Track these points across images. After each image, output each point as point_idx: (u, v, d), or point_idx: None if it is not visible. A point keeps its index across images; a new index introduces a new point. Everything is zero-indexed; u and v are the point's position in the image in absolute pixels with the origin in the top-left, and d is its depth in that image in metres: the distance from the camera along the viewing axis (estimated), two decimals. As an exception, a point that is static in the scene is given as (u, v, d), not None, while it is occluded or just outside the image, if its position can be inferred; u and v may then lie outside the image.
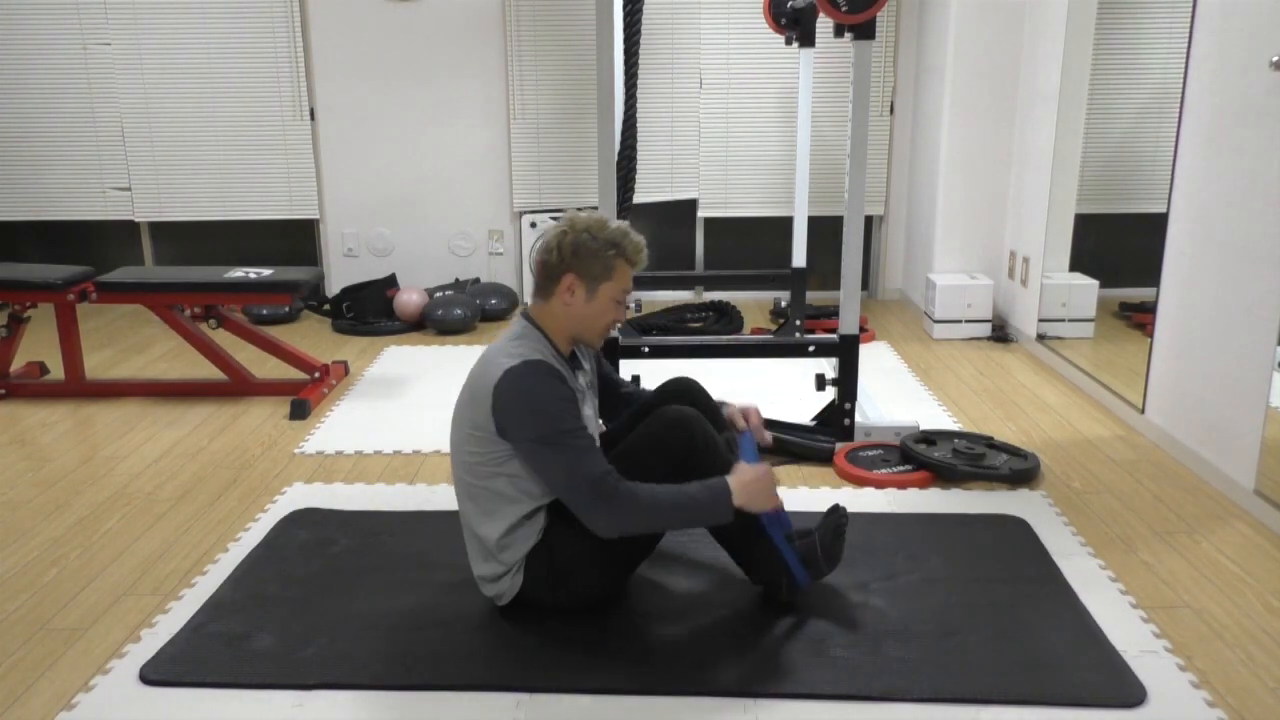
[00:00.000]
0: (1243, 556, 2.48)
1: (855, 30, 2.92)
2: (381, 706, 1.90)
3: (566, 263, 2.09)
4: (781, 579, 2.20)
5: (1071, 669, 1.98)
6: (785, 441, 3.14)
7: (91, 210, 5.37)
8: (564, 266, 2.10)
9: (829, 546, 2.20)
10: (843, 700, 1.90)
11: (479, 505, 2.11)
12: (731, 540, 2.21)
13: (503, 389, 2.01)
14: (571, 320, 2.13)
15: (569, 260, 2.09)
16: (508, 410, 2.01)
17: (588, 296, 2.11)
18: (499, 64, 5.23)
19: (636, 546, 2.16)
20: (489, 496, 2.10)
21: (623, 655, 2.04)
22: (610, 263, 2.10)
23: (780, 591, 2.21)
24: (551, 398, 2.01)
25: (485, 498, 2.10)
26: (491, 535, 2.10)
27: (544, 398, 2.00)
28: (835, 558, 2.21)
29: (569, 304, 2.11)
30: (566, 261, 2.09)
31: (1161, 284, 3.24)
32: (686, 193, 5.38)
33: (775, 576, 2.20)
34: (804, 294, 4.54)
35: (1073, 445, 3.25)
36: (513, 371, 2.01)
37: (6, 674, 2.03)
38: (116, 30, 5.13)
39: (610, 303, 2.13)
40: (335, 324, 4.95)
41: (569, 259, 2.09)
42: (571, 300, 2.11)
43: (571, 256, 2.09)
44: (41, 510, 2.83)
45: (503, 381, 2.01)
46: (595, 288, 2.11)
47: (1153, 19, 3.55)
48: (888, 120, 5.32)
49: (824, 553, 2.19)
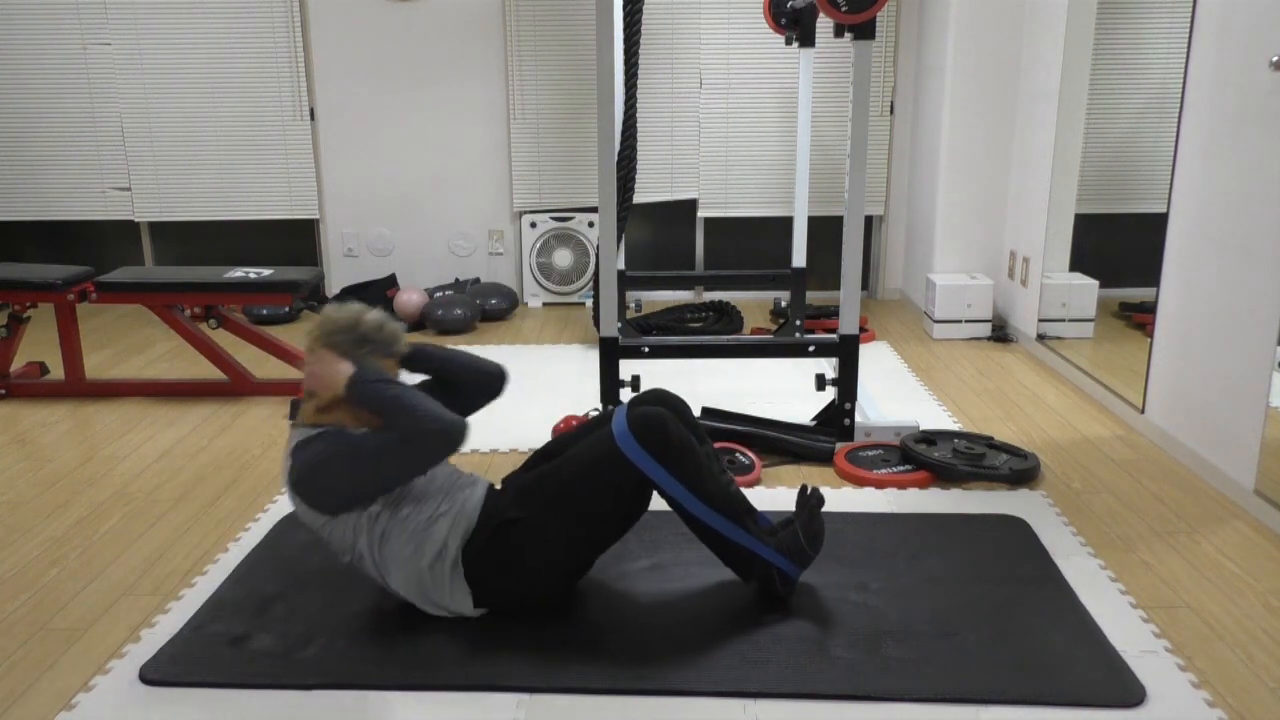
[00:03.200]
0: (1243, 556, 2.48)
1: (855, 30, 2.92)
2: (381, 706, 1.90)
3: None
4: (772, 573, 2.20)
5: (1071, 669, 1.98)
6: (785, 441, 3.14)
7: (91, 210, 5.37)
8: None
9: (809, 528, 2.19)
10: (843, 700, 1.90)
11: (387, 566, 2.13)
12: (713, 546, 2.21)
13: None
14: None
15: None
16: (301, 476, 2.11)
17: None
18: (499, 64, 5.23)
19: (588, 542, 2.15)
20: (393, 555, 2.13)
21: (623, 655, 2.04)
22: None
23: (775, 586, 2.21)
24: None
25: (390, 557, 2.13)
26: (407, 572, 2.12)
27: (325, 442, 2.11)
28: (817, 538, 2.20)
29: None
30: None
31: (1161, 284, 3.24)
32: (686, 193, 5.38)
33: (766, 572, 2.20)
34: (804, 294, 4.54)
35: (1073, 445, 3.25)
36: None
37: (6, 674, 2.03)
38: (116, 30, 5.13)
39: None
40: (335, 324, 4.94)
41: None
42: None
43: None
44: (41, 510, 2.83)
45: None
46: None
47: (1153, 19, 3.55)
48: (888, 120, 5.32)
49: (806, 536, 2.19)
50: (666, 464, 2.08)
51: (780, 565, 2.18)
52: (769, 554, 2.17)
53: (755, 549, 2.17)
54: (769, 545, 2.18)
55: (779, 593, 2.22)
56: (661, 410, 2.12)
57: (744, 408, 3.38)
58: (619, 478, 2.08)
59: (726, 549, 2.20)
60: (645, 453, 2.07)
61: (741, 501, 2.22)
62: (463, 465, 3.12)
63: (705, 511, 2.13)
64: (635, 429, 2.08)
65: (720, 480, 2.18)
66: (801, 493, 2.26)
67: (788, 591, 2.22)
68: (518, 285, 5.50)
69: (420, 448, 2.02)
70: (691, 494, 2.11)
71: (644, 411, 2.11)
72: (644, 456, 2.07)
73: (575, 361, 4.29)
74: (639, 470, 2.07)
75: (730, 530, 2.15)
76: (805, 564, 2.22)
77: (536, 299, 5.47)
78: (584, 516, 2.11)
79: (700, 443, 2.25)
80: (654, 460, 2.07)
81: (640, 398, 2.35)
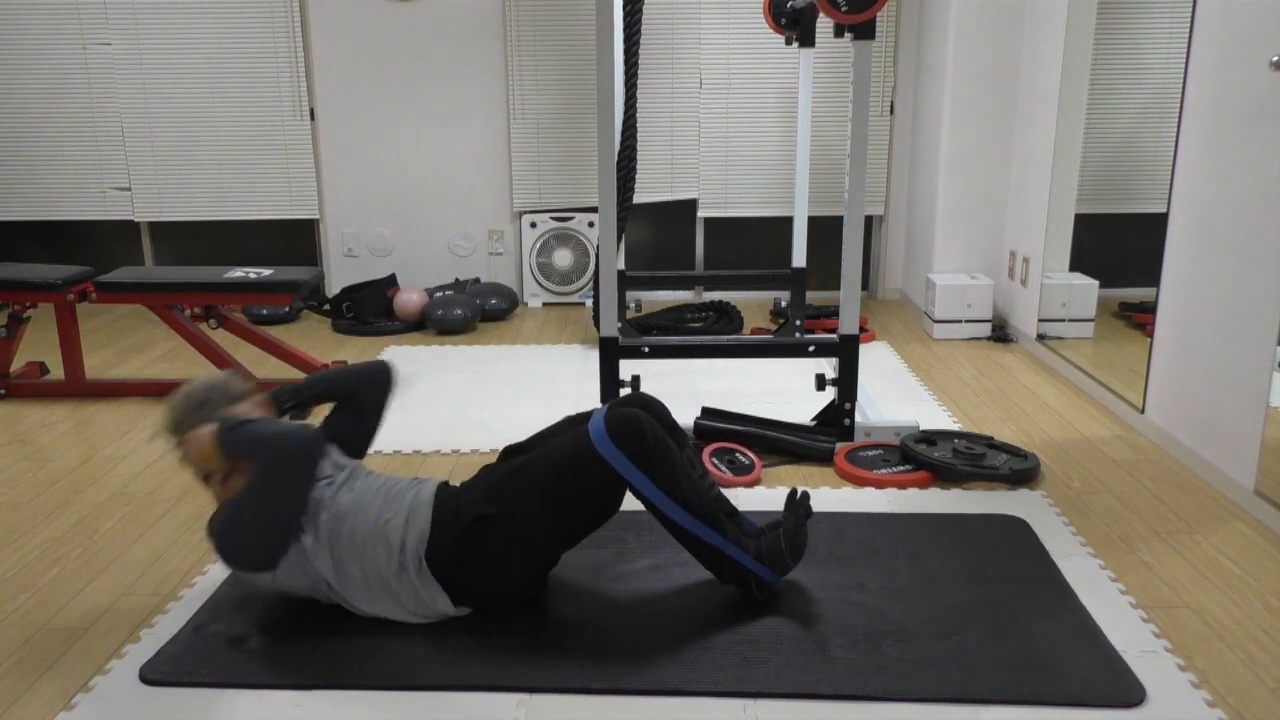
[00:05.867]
0: (1243, 556, 2.48)
1: (855, 30, 2.92)
2: (381, 706, 1.90)
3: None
4: (749, 577, 2.20)
5: (1071, 669, 1.98)
6: (785, 441, 3.14)
7: (91, 210, 5.37)
8: None
9: (793, 538, 2.20)
10: (842, 700, 1.90)
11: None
12: (688, 546, 2.21)
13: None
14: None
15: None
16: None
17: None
18: (499, 64, 5.23)
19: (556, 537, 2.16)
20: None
21: (623, 655, 2.04)
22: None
23: (751, 590, 2.21)
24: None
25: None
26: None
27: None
28: (799, 549, 2.21)
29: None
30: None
31: (1161, 284, 3.25)
32: (686, 193, 5.38)
33: (742, 575, 2.20)
34: (804, 294, 4.54)
35: (1073, 445, 3.25)
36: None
37: (6, 674, 2.03)
38: (116, 30, 5.13)
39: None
40: (335, 324, 4.95)
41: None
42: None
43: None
44: (41, 510, 2.83)
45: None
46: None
47: (1153, 19, 3.55)
48: (888, 120, 5.32)
49: (788, 546, 2.19)
50: (640, 464, 2.09)
51: (756, 571, 2.19)
52: (744, 559, 2.18)
53: (729, 552, 2.17)
54: (746, 550, 2.18)
55: (755, 596, 2.22)
56: (638, 412, 2.13)
57: (744, 408, 3.38)
58: (592, 477, 2.10)
59: (700, 550, 2.20)
60: (620, 453, 2.08)
61: (721, 504, 2.22)
62: (465, 467, 3.12)
63: (678, 513, 2.13)
64: (611, 429, 2.09)
65: (698, 484, 2.18)
66: (791, 496, 2.27)
67: (764, 595, 2.22)
68: (518, 285, 5.50)
69: (282, 464, 2.05)
70: (664, 495, 2.11)
71: (621, 412, 2.13)
72: (618, 456, 2.08)
73: (575, 362, 4.29)
74: (613, 470, 2.08)
75: (703, 532, 2.15)
76: (784, 572, 2.22)
77: (536, 299, 5.47)
78: (555, 513, 2.12)
79: (680, 447, 2.25)
80: (628, 460, 2.08)
81: (621, 400, 2.35)
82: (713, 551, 2.18)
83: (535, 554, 2.15)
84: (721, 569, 2.21)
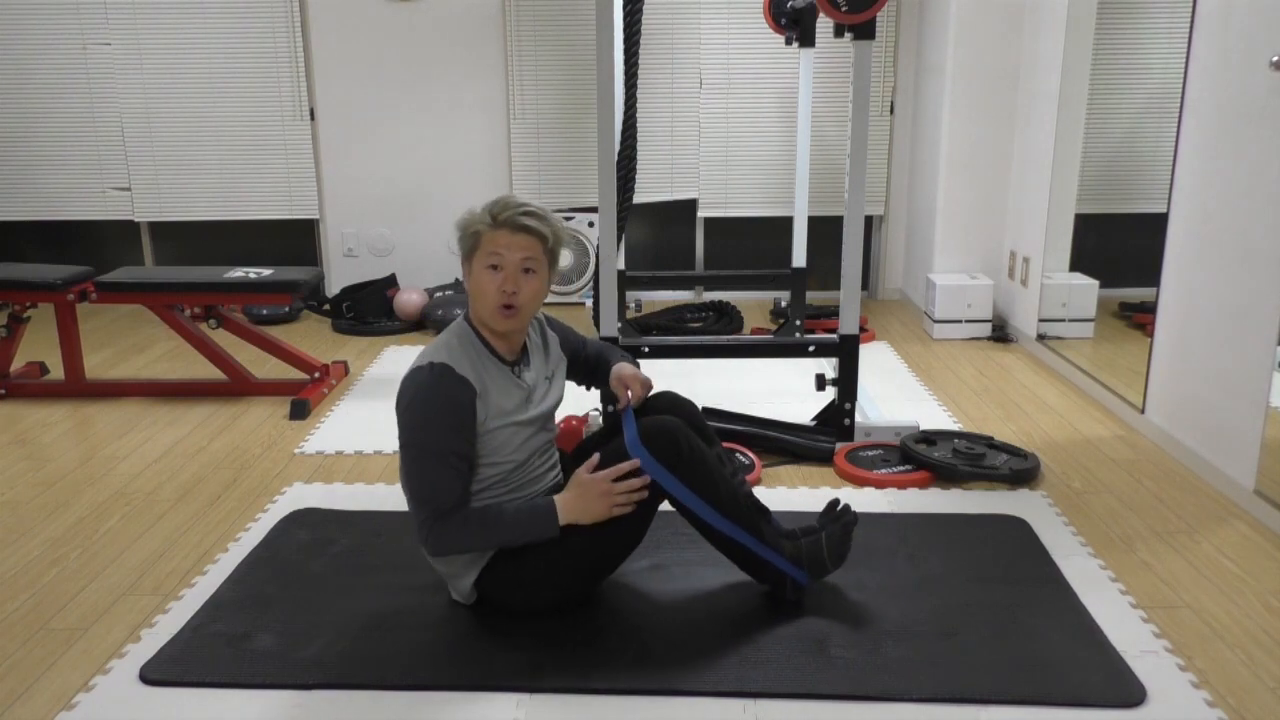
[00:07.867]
0: (1243, 556, 2.48)
1: (855, 30, 2.92)
2: (381, 706, 1.90)
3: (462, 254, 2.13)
4: (785, 579, 2.21)
5: (1071, 669, 1.98)
6: (785, 441, 3.14)
7: (91, 210, 5.37)
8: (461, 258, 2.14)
9: (837, 547, 2.21)
10: (842, 700, 1.90)
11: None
12: (728, 553, 2.22)
13: (400, 389, 2.07)
14: (473, 306, 2.13)
15: (461, 249, 2.13)
16: (397, 408, 2.07)
17: (469, 276, 2.12)
18: (499, 64, 5.23)
19: (593, 559, 2.14)
20: None
21: (622, 655, 2.04)
22: (474, 232, 2.10)
23: (785, 591, 2.22)
24: (429, 405, 2.01)
25: None
26: None
27: (421, 404, 2.02)
28: (841, 557, 2.22)
29: (469, 291, 2.12)
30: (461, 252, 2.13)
31: (1161, 284, 3.24)
32: (686, 193, 5.38)
33: (779, 577, 2.21)
34: (804, 294, 4.54)
35: (1073, 445, 3.25)
36: (412, 373, 2.06)
37: (6, 674, 2.03)
38: (116, 30, 5.13)
39: (484, 271, 2.08)
40: (335, 324, 4.95)
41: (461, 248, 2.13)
42: (469, 286, 2.12)
43: (460, 245, 2.13)
44: (41, 510, 2.83)
45: (402, 381, 2.07)
46: (470, 264, 2.11)
47: (1153, 19, 3.55)
48: (888, 120, 5.32)
49: (830, 554, 2.20)
50: (679, 474, 2.08)
51: (792, 574, 2.19)
52: (779, 562, 2.18)
53: (765, 556, 2.17)
54: (784, 555, 2.19)
55: (788, 598, 2.23)
56: (672, 419, 2.13)
57: (744, 408, 3.38)
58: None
59: (737, 553, 2.21)
60: (658, 463, 2.07)
61: (753, 503, 2.23)
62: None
63: (720, 521, 2.13)
64: (646, 440, 2.08)
65: (733, 486, 2.18)
66: (832, 507, 2.28)
67: (796, 597, 2.23)
68: (518, 285, 5.49)
69: (531, 536, 2.08)
70: (706, 504, 2.11)
71: (655, 421, 2.12)
72: (657, 467, 2.07)
73: (575, 361, 4.28)
74: (654, 481, 2.07)
75: (746, 540, 2.16)
76: (821, 576, 2.24)
77: (536, 299, 5.46)
78: (596, 529, 2.09)
79: (710, 444, 2.24)
80: (667, 470, 2.07)
81: (651, 403, 2.32)
82: (750, 555, 2.19)
83: (580, 569, 2.14)
84: (761, 571, 2.22)
